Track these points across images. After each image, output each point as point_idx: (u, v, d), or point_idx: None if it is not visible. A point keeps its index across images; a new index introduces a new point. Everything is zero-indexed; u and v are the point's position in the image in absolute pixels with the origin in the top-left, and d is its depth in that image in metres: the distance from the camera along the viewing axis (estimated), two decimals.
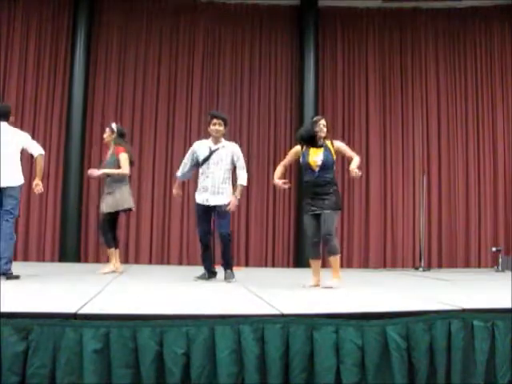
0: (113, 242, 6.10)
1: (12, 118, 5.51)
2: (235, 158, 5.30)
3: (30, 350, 2.46)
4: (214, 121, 5.22)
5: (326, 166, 4.79)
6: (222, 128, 5.25)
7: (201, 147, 5.33)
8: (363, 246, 8.96)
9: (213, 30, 9.23)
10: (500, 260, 8.26)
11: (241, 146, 8.84)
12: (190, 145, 8.14)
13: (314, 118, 5.11)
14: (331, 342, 2.64)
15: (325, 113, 9.19)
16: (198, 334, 2.55)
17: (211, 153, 5.21)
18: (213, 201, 5.16)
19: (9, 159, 5.04)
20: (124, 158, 5.99)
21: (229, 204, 5.17)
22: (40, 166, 5.34)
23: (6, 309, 2.58)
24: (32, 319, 2.50)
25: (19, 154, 5.24)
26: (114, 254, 6.11)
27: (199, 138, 8.46)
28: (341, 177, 9.09)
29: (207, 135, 5.47)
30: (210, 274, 5.34)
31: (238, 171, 5.32)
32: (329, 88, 9.28)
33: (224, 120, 5.29)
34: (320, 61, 9.19)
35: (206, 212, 5.22)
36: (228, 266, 5.30)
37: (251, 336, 2.58)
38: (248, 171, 9.05)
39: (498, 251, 8.37)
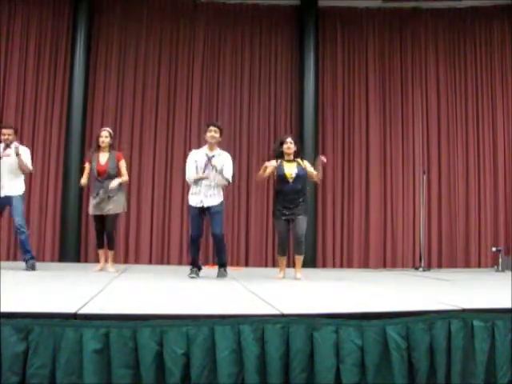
0: (103, 242, 6.38)
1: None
2: (224, 168, 5.59)
3: (30, 350, 2.46)
4: (211, 128, 5.58)
5: (298, 178, 5.58)
6: (217, 135, 5.60)
7: (199, 155, 5.66)
8: (363, 246, 8.96)
9: (213, 30, 9.23)
10: (500, 260, 8.26)
11: (241, 145, 8.99)
12: (190, 145, 8.16)
13: (282, 138, 5.91)
14: (331, 342, 2.65)
15: (325, 113, 9.22)
16: (198, 334, 2.55)
17: (209, 159, 5.54)
18: (206, 202, 5.49)
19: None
20: (125, 164, 6.32)
21: (221, 204, 5.55)
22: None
23: (5, 309, 2.58)
24: (32, 319, 2.50)
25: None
26: (104, 254, 6.38)
27: (199, 137, 8.52)
28: (341, 177, 9.12)
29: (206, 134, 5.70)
30: (199, 268, 5.70)
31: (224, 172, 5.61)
32: (329, 88, 9.28)
33: (220, 128, 5.66)
34: (320, 61, 9.20)
35: (200, 214, 5.55)
36: (223, 265, 5.66)
37: (251, 336, 2.58)
38: (248, 171, 9.14)
39: (498, 251, 8.38)
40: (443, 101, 9.27)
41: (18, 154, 5.90)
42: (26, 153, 6.13)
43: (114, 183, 6.05)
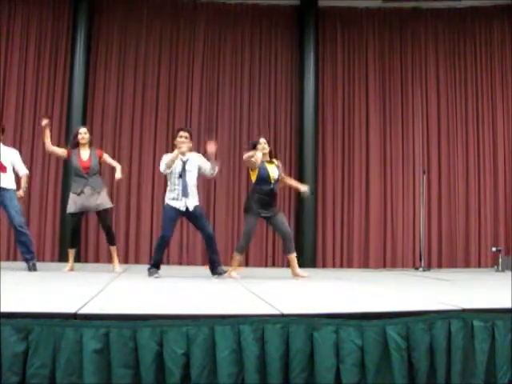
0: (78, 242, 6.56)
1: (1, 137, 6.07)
2: (202, 165, 5.69)
3: (30, 350, 2.46)
4: (181, 133, 5.66)
5: (277, 180, 5.74)
6: (188, 141, 5.67)
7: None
8: (363, 246, 8.96)
9: (213, 29, 9.24)
10: (500, 260, 8.26)
11: (240, 145, 8.99)
12: None
13: (255, 140, 5.89)
14: (331, 342, 2.64)
15: (325, 113, 9.22)
16: (198, 333, 2.55)
17: (184, 164, 5.61)
18: (190, 204, 5.58)
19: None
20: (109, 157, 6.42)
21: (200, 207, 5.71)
22: (25, 182, 6.18)
23: (5, 309, 2.57)
24: (32, 319, 2.50)
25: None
26: (73, 253, 6.29)
27: (199, 137, 8.54)
28: (341, 177, 9.12)
29: (206, 135, 5.70)
30: (159, 268, 5.69)
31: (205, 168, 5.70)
32: (329, 88, 9.29)
33: (190, 133, 5.77)
34: (320, 61, 9.20)
35: (178, 216, 5.69)
36: (219, 263, 5.68)
37: (251, 336, 2.58)
38: (248, 171, 9.11)
39: (498, 251, 8.38)
40: (443, 101, 9.28)
41: None
42: (16, 156, 6.12)
43: (119, 174, 6.17)
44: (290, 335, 2.62)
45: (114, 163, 6.37)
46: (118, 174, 6.18)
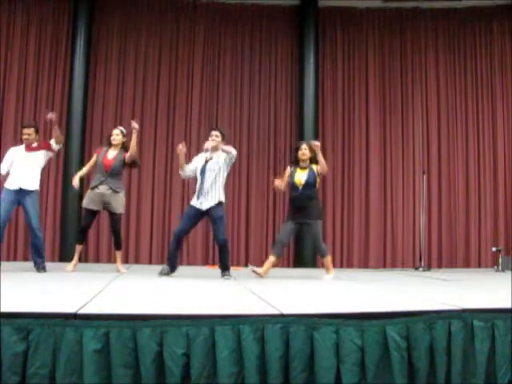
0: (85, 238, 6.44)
1: None
2: (223, 160, 5.61)
3: (30, 350, 2.46)
4: (212, 133, 5.65)
5: (308, 185, 5.76)
6: (219, 139, 5.63)
7: (198, 158, 5.74)
8: (363, 246, 8.96)
9: (213, 29, 9.24)
10: (500, 260, 8.25)
11: (240, 145, 8.99)
12: (190, 145, 8.19)
13: (298, 144, 6.10)
14: (331, 342, 2.64)
15: (325, 113, 9.22)
16: (198, 333, 2.55)
17: (206, 162, 5.60)
18: (205, 204, 5.51)
19: None
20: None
21: (221, 205, 5.54)
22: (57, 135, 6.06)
23: (5, 309, 2.57)
24: (32, 319, 2.50)
25: None
26: (79, 249, 6.30)
27: (199, 137, 8.54)
28: (340, 177, 9.12)
29: (207, 134, 5.86)
30: (174, 269, 5.63)
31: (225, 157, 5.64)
32: (329, 88, 9.29)
33: (222, 133, 5.73)
34: (320, 61, 9.20)
35: (195, 215, 5.60)
36: (227, 268, 5.60)
37: (251, 336, 2.58)
38: (248, 171, 9.15)
39: (498, 251, 8.37)
40: (443, 101, 9.27)
41: None
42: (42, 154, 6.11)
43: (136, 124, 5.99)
44: (289, 335, 2.62)
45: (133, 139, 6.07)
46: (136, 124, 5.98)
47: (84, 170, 6.29)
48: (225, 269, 5.58)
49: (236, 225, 8.90)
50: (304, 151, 5.82)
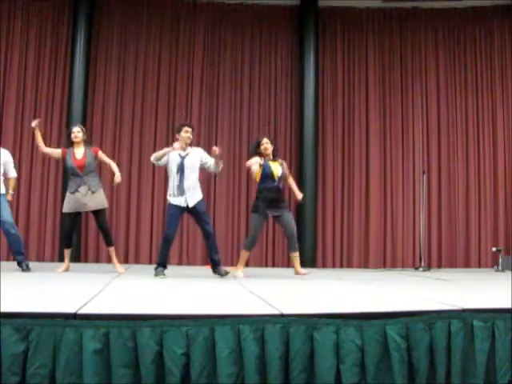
0: (71, 241, 6.39)
1: None
2: (205, 160, 5.69)
3: (30, 350, 2.46)
4: (187, 129, 5.68)
5: (280, 177, 5.88)
6: (191, 136, 5.71)
7: (172, 155, 5.68)
8: (363, 246, 8.96)
9: (213, 29, 9.24)
10: (500, 260, 8.26)
11: (240, 145, 8.99)
12: (190, 144, 8.08)
13: (259, 139, 6.05)
14: (331, 342, 2.64)
15: (325, 113, 9.22)
16: (198, 333, 2.55)
17: (182, 159, 5.60)
18: (190, 201, 5.56)
19: None
20: (104, 154, 6.32)
21: (203, 201, 5.66)
22: (13, 185, 6.21)
23: (5, 309, 2.57)
24: (32, 319, 2.50)
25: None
26: (68, 253, 6.25)
27: (199, 136, 8.54)
28: (340, 177, 9.12)
29: (207, 134, 5.70)
30: (165, 267, 5.72)
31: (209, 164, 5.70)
32: (329, 88, 9.29)
33: (193, 128, 5.82)
34: (320, 61, 9.20)
35: (180, 214, 5.68)
36: (219, 263, 5.69)
37: (251, 336, 2.58)
38: (248, 171, 9.11)
39: (498, 251, 8.38)
40: (443, 101, 9.27)
41: None
42: (8, 158, 6.16)
43: (118, 178, 6.06)
44: (289, 335, 2.62)
45: (108, 161, 6.23)
46: (117, 178, 6.06)
47: (40, 140, 6.14)
48: (219, 264, 5.65)
49: (236, 225, 8.90)
50: (266, 145, 5.86)
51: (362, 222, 9.00)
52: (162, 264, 5.65)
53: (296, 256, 5.93)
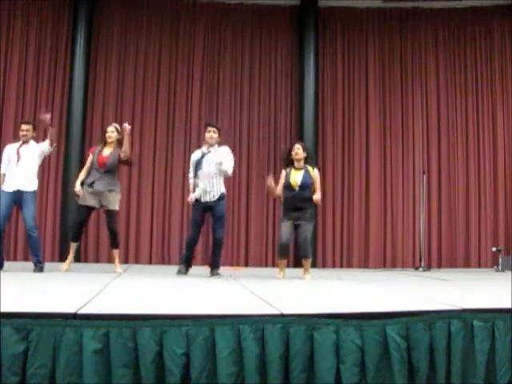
0: (80, 236, 6.33)
1: None
2: (223, 161, 5.63)
3: (30, 350, 2.45)
4: (209, 128, 5.71)
5: (304, 186, 5.72)
6: (216, 135, 5.70)
7: (195, 154, 5.80)
8: (363, 246, 8.96)
9: (213, 29, 9.24)
10: (500, 260, 8.26)
11: (240, 145, 8.99)
12: (190, 145, 8.17)
13: (291, 145, 6.04)
14: (331, 342, 2.64)
15: (325, 113, 9.22)
16: (198, 333, 2.55)
17: (202, 156, 5.65)
18: (208, 199, 5.58)
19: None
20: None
21: (222, 198, 5.61)
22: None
23: (5, 309, 2.57)
24: (32, 319, 2.50)
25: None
26: (74, 248, 6.19)
27: (199, 138, 8.52)
28: (340, 177, 9.12)
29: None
30: (189, 264, 5.82)
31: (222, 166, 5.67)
32: (329, 88, 9.29)
33: (218, 128, 5.78)
34: (320, 61, 9.20)
35: (202, 213, 5.65)
36: (218, 267, 5.73)
37: (251, 336, 2.58)
38: (248, 171, 9.14)
39: (498, 251, 8.38)
40: (443, 101, 9.28)
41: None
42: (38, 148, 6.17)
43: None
44: (289, 335, 2.62)
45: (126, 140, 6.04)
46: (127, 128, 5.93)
47: (83, 174, 6.14)
48: (218, 266, 5.69)
49: (236, 225, 8.90)
50: (297, 151, 5.83)
51: (361, 222, 9.00)
52: (186, 262, 5.81)
53: (308, 261, 5.86)
